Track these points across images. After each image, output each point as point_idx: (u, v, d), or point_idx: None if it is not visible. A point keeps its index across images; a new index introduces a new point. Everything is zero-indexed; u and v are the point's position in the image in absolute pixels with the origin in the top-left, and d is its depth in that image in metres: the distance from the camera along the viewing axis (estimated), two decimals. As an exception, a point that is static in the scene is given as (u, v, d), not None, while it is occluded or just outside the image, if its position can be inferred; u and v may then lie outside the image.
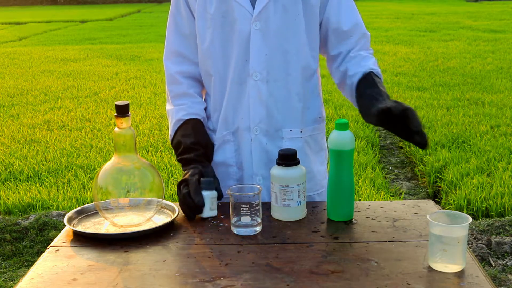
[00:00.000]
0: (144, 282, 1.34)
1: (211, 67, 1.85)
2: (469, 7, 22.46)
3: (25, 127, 6.41)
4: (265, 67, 1.79)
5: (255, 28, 1.77)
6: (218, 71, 1.84)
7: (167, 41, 1.92)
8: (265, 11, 1.77)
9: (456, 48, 11.44)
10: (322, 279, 1.32)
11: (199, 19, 1.83)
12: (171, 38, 1.91)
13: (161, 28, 17.37)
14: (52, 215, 4.00)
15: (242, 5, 1.77)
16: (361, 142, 5.50)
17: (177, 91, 1.90)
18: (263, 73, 1.80)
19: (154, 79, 9.17)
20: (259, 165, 1.84)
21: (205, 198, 1.65)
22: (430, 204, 1.74)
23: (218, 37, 1.81)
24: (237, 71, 1.81)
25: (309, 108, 1.88)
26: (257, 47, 1.78)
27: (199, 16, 1.83)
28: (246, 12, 1.77)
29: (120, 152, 1.59)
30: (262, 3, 1.76)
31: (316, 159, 1.91)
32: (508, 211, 4.01)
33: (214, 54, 1.83)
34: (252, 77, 1.80)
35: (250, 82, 1.80)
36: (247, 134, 1.84)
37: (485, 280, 1.31)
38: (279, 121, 1.83)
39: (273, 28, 1.78)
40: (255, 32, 1.78)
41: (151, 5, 32.14)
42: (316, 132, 1.90)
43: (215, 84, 1.86)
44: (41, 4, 34.05)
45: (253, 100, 1.81)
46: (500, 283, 3.21)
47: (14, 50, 13.29)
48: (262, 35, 1.78)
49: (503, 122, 6.01)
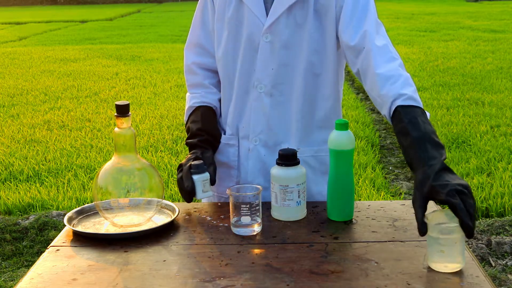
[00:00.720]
0: (144, 282, 1.34)
1: (222, 71, 1.85)
2: (469, 7, 22.46)
3: (25, 127, 6.41)
4: (270, 80, 1.78)
5: (265, 40, 1.76)
6: (228, 76, 1.84)
7: (191, 33, 1.93)
8: (276, 24, 1.74)
9: (456, 48, 11.44)
10: (322, 279, 1.32)
11: (218, 21, 1.83)
12: (195, 31, 1.91)
13: (161, 28, 17.38)
14: (52, 215, 4.00)
15: (255, 14, 1.75)
16: (361, 142, 5.49)
17: (192, 81, 1.93)
18: (267, 86, 1.78)
19: (154, 79, 9.17)
20: (255, 174, 1.84)
21: (196, 182, 1.66)
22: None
23: (231, 42, 1.81)
24: (243, 80, 1.81)
25: (313, 130, 1.82)
26: (265, 60, 1.77)
27: (218, 18, 1.83)
28: (259, 22, 1.76)
29: (120, 152, 1.59)
30: (274, 16, 1.74)
31: (318, 180, 1.83)
32: (508, 211, 4.01)
33: (226, 58, 1.83)
34: (257, 88, 1.79)
35: (254, 93, 1.80)
36: (246, 142, 1.84)
37: (485, 280, 1.31)
38: (279, 135, 1.81)
39: (282, 42, 1.75)
40: (264, 44, 1.76)
41: (151, 5, 32.14)
42: (322, 154, 1.83)
43: (224, 88, 1.87)
44: (41, 4, 34.04)
45: (255, 111, 1.81)
46: (500, 283, 3.21)
47: (14, 50, 13.29)
48: (271, 48, 1.76)
49: (503, 122, 6.01)
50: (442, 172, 1.38)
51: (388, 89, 1.59)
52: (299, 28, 1.74)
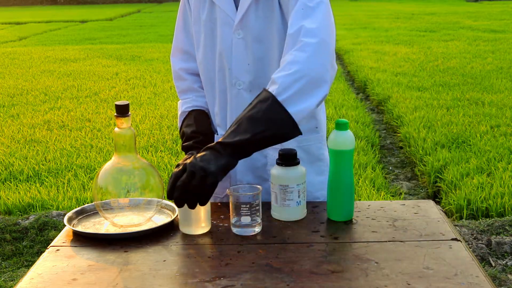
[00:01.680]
0: (144, 282, 1.34)
1: (203, 74, 1.88)
2: (469, 7, 22.47)
3: (25, 127, 6.41)
4: (248, 76, 1.78)
5: (238, 37, 1.76)
6: (209, 78, 1.86)
7: (174, 39, 1.96)
8: (245, 18, 1.74)
9: (456, 48, 11.44)
10: (322, 279, 1.32)
11: (194, 24, 1.86)
12: (178, 36, 1.94)
13: (161, 28, 17.38)
14: (52, 215, 4.00)
15: (226, 12, 1.77)
16: (361, 142, 5.49)
17: (182, 86, 1.97)
18: (246, 82, 1.79)
19: (154, 79, 9.17)
20: (244, 172, 1.84)
21: None
22: (430, 204, 1.74)
23: (208, 44, 1.82)
24: (221, 79, 1.82)
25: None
26: (240, 56, 1.77)
27: (194, 21, 1.85)
28: (230, 20, 1.77)
29: (120, 152, 1.59)
30: (242, 10, 1.74)
31: (310, 169, 1.81)
32: (508, 211, 4.01)
33: (205, 60, 1.85)
34: (236, 86, 1.80)
35: (233, 90, 1.81)
36: None
37: (485, 280, 1.31)
38: None
39: (254, 36, 1.75)
40: (237, 41, 1.77)
41: (151, 5, 32.15)
42: (310, 143, 1.84)
43: (207, 90, 1.89)
44: (41, 4, 34.05)
45: (236, 109, 1.80)
46: (500, 283, 3.21)
47: (14, 50, 13.29)
48: (244, 43, 1.76)
49: (503, 122, 6.01)
50: (212, 149, 1.51)
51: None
52: (268, 20, 1.74)
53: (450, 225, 1.60)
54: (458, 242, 1.49)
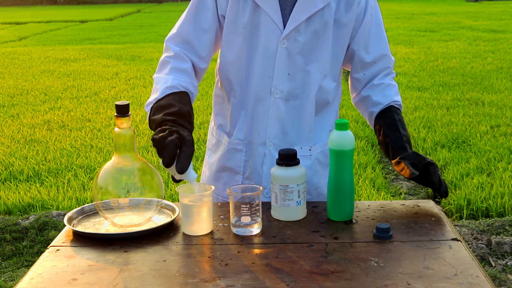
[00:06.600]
0: (144, 282, 1.34)
1: (234, 76, 1.83)
2: (469, 7, 22.46)
3: (25, 127, 6.41)
4: (286, 85, 1.79)
5: (282, 46, 1.76)
6: (240, 82, 1.82)
7: (179, 28, 1.83)
8: (295, 32, 1.75)
9: (456, 48, 11.44)
10: (322, 279, 1.32)
11: (229, 25, 1.79)
12: (185, 26, 1.82)
13: (161, 28, 17.38)
14: (52, 215, 4.00)
15: (273, 20, 1.75)
16: (361, 142, 5.50)
17: (182, 66, 1.78)
18: (283, 92, 1.79)
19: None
20: (269, 178, 1.83)
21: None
22: (430, 204, 1.74)
23: (246, 48, 1.79)
24: (259, 86, 1.80)
25: (323, 127, 1.88)
26: (282, 65, 1.78)
27: (229, 22, 1.79)
28: (277, 29, 1.76)
29: (120, 152, 1.59)
30: (293, 24, 1.74)
31: (326, 174, 1.87)
32: (508, 211, 4.01)
33: (239, 64, 1.81)
34: (273, 94, 1.80)
35: (270, 99, 1.80)
36: (261, 148, 1.84)
37: (485, 280, 1.31)
38: (292, 138, 1.84)
39: (299, 49, 1.77)
40: (281, 50, 1.77)
41: (151, 5, 32.14)
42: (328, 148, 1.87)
43: (235, 93, 1.84)
44: (41, 4, 34.04)
45: (272, 117, 1.81)
46: (500, 283, 3.21)
47: (14, 50, 13.29)
48: (287, 54, 1.77)
49: (503, 122, 6.01)
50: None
51: (383, 95, 1.87)
52: (316, 36, 1.77)
53: (450, 225, 1.60)
54: (458, 242, 1.49)
